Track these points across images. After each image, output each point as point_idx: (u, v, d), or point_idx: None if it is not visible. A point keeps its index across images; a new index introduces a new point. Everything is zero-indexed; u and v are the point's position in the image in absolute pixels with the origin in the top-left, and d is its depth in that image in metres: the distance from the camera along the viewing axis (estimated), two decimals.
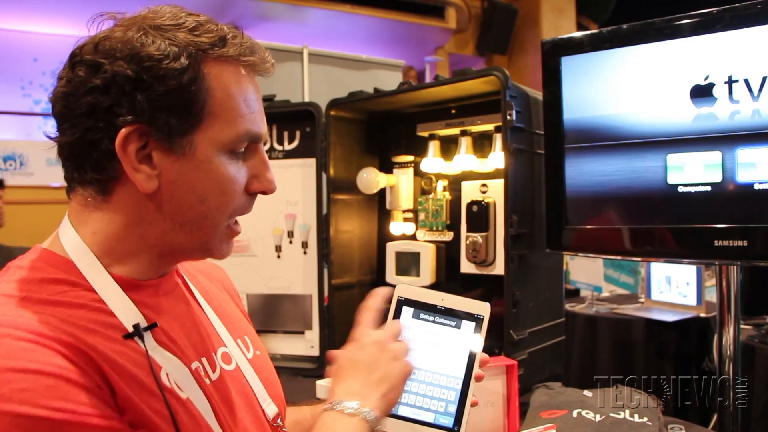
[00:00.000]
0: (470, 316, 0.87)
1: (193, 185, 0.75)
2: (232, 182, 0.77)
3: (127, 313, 0.74)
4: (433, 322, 0.87)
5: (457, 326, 0.87)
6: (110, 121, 0.71)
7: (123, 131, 0.70)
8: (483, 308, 0.87)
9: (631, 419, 1.30)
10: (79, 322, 0.69)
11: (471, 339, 0.86)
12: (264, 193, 0.81)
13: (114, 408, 0.66)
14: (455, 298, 0.88)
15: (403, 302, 0.88)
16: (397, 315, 0.87)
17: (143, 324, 0.74)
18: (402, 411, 0.82)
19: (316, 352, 2.07)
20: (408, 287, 0.88)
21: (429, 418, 0.83)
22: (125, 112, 0.70)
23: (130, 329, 0.72)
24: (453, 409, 0.83)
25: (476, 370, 0.85)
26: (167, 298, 0.83)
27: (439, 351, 0.85)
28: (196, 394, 0.76)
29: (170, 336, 0.78)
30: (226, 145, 0.75)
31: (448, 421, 0.82)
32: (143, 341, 0.72)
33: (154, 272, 0.80)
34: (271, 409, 0.89)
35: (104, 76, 0.70)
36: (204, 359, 0.82)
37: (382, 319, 0.87)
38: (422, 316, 0.87)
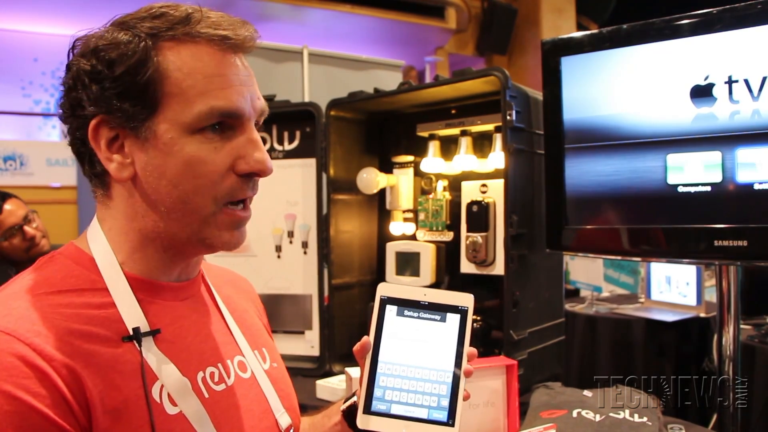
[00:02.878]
0: (454, 309, 0.87)
1: (163, 170, 0.74)
2: (204, 163, 0.74)
3: (131, 316, 0.74)
4: (418, 318, 0.86)
5: (442, 320, 0.86)
6: (83, 116, 0.74)
7: (92, 123, 0.73)
8: (466, 300, 0.87)
9: (631, 419, 1.30)
10: (85, 327, 0.69)
11: (457, 331, 0.86)
12: (257, 174, 0.77)
13: None
14: (438, 292, 0.88)
15: (386, 301, 0.87)
16: (381, 314, 0.86)
17: (144, 328, 0.74)
18: (395, 409, 0.82)
19: (316, 352, 2.07)
20: (390, 285, 0.88)
21: (422, 414, 0.82)
22: (88, 104, 0.73)
23: (131, 330, 0.73)
24: (446, 403, 0.82)
25: (464, 364, 0.84)
26: (187, 302, 0.83)
27: (426, 346, 0.85)
28: (192, 406, 0.75)
29: (177, 343, 0.78)
30: (189, 125, 0.73)
31: (442, 416, 0.82)
32: (140, 345, 0.72)
33: (168, 269, 0.80)
34: (284, 420, 0.89)
35: (72, 74, 0.74)
36: (219, 365, 0.82)
37: (369, 320, 0.87)
38: (406, 313, 0.87)
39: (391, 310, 0.87)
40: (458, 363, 0.84)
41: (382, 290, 0.87)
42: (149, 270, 0.78)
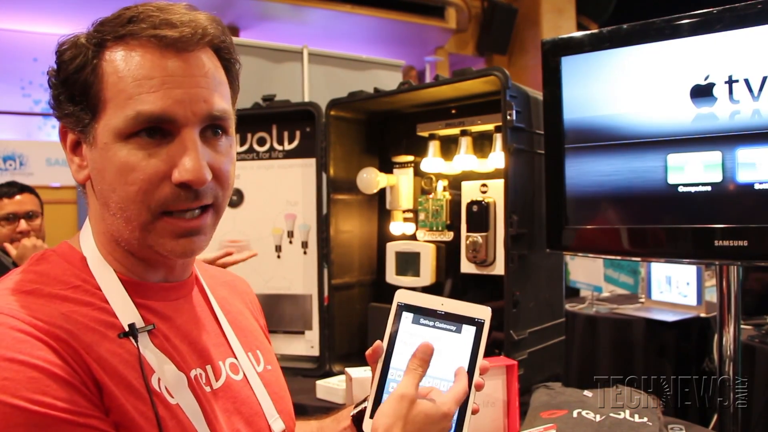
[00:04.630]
0: (471, 321, 0.85)
1: (102, 174, 0.74)
2: (133, 170, 0.71)
3: (126, 313, 0.74)
4: (434, 327, 0.85)
5: (458, 331, 0.85)
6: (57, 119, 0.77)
7: (59, 125, 0.77)
8: (484, 312, 0.86)
9: (631, 419, 1.30)
10: (81, 319, 0.70)
11: (472, 344, 0.84)
12: (185, 184, 0.72)
13: (99, 407, 0.66)
14: (455, 302, 0.86)
15: (403, 308, 0.86)
16: (397, 320, 0.85)
17: (140, 324, 0.74)
18: None
19: (316, 352, 2.07)
20: (408, 292, 0.87)
21: None
22: (54, 108, 0.76)
23: (126, 327, 0.73)
24: (454, 415, 0.81)
25: (476, 377, 0.83)
26: (179, 302, 0.83)
27: (439, 356, 0.83)
28: (187, 401, 0.75)
29: (172, 341, 0.78)
30: (119, 130, 0.71)
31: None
32: (137, 341, 0.72)
33: (147, 271, 0.80)
34: (277, 425, 0.88)
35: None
36: (208, 367, 0.82)
37: (384, 326, 0.86)
38: (422, 321, 0.86)
39: (407, 317, 0.86)
40: (470, 375, 0.83)
41: (400, 297, 0.86)
42: (129, 271, 0.78)
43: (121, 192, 0.72)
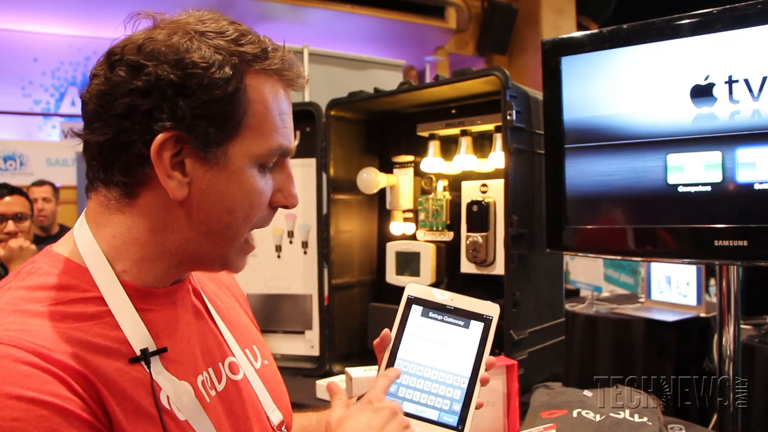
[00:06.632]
0: (479, 317, 0.87)
1: (223, 196, 0.74)
2: (260, 195, 0.76)
3: (135, 331, 0.72)
4: (442, 321, 0.87)
5: (466, 326, 0.87)
6: (147, 124, 0.69)
7: (160, 136, 0.69)
8: (492, 309, 0.88)
9: (631, 419, 1.30)
10: (84, 336, 0.67)
11: (479, 339, 0.86)
12: (285, 207, 0.81)
13: None
14: (465, 298, 0.88)
15: (413, 300, 0.88)
16: (406, 313, 0.87)
17: (152, 348, 0.72)
18: (406, 407, 0.82)
19: (316, 352, 2.07)
20: (418, 286, 0.89)
21: (433, 415, 0.82)
22: (165, 117, 0.69)
23: (137, 350, 0.71)
24: (458, 407, 0.82)
25: (482, 372, 0.84)
26: (177, 306, 0.81)
27: (446, 349, 0.85)
28: (196, 415, 0.74)
29: (176, 350, 0.77)
30: (258, 158, 0.75)
31: (452, 420, 0.82)
32: (149, 366, 0.71)
33: (168, 279, 0.79)
34: (275, 416, 0.88)
35: (146, 78, 0.69)
36: (210, 370, 0.81)
37: (393, 319, 0.87)
38: (431, 314, 0.88)
39: (416, 310, 0.88)
40: (476, 370, 0.85)
41: (410, 290, 0.89)
42: (150, 279, 0.76)
43: (240, 213, 0.76)
